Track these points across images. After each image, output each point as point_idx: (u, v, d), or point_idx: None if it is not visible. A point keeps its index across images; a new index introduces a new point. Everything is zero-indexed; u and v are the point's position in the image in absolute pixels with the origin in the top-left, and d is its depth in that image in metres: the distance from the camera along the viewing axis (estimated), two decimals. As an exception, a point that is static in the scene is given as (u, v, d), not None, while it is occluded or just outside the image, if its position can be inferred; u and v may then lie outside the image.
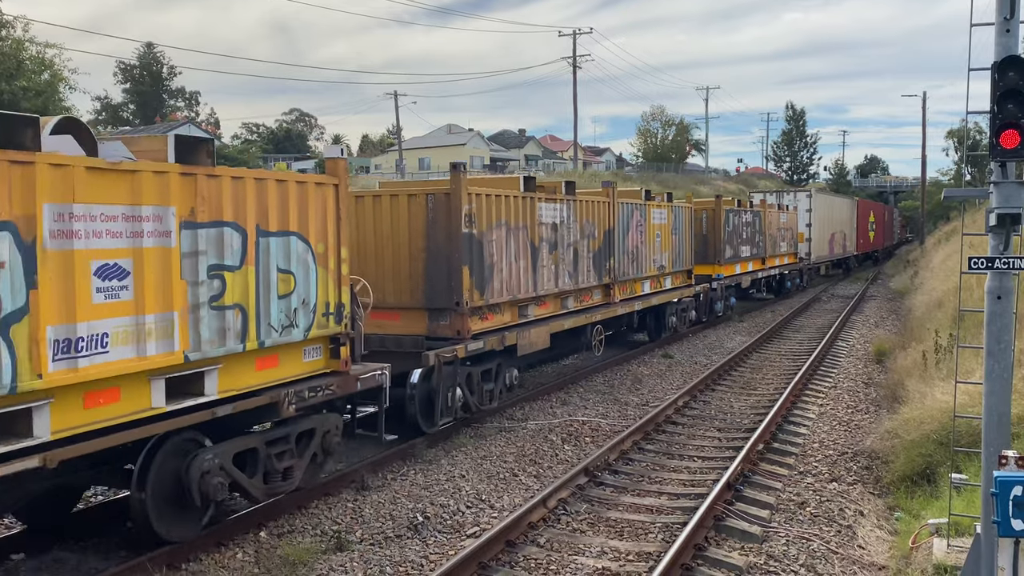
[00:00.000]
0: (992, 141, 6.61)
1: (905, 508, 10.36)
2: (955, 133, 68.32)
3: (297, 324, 9.44)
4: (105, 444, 7.45)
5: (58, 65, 28.87)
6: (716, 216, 27.78)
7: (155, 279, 7.69)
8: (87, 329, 7.12)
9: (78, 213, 7.05)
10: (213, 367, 8.39)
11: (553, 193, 16.70)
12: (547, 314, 16.27)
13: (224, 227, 8.42)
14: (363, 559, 8.61)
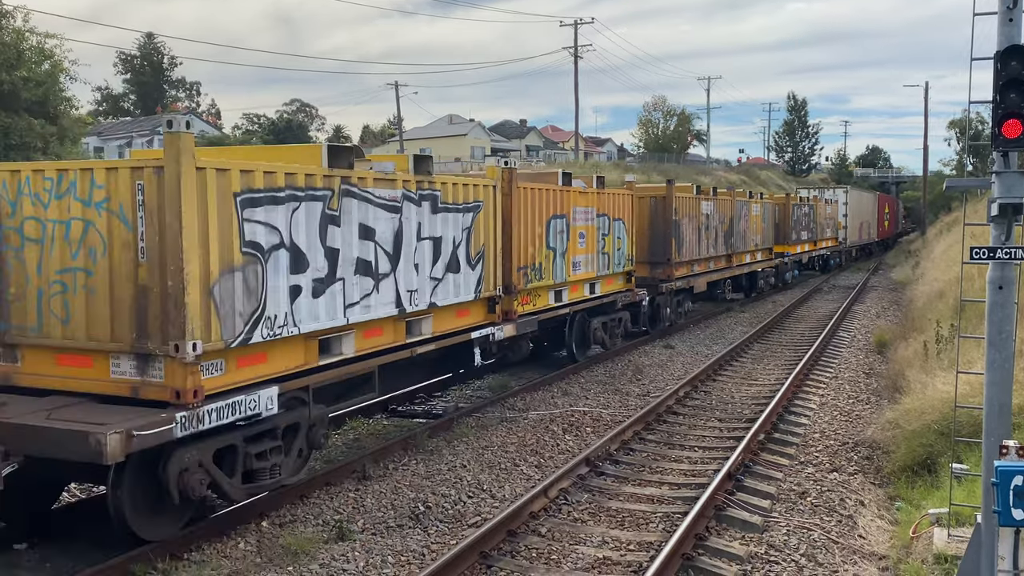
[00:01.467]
0: (994, 131, 6.60)
1: (906, 498, 10.37)
2: (957, 123, 68.15)
3: (620, 264, 19.78)
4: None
5: (58, 55, 28.80)
6: (787, 209, 36.50)
7: (591, 241, 18.03)
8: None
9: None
10: (600, 279, 18.78)
11: (708, 195, 26.57)
12: (703, 271, 26.09)
13: (605, 216, 18.78)
14: (365, 548, 8.64)
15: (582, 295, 18.06)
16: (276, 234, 9.25)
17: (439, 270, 12.49)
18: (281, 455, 9.46)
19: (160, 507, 8.34)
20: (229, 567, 8.21)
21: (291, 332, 9.46)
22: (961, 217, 23.28)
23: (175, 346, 8.06)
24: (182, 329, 8.06)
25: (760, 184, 75.86)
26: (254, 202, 8.94)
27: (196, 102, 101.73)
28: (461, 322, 13.47)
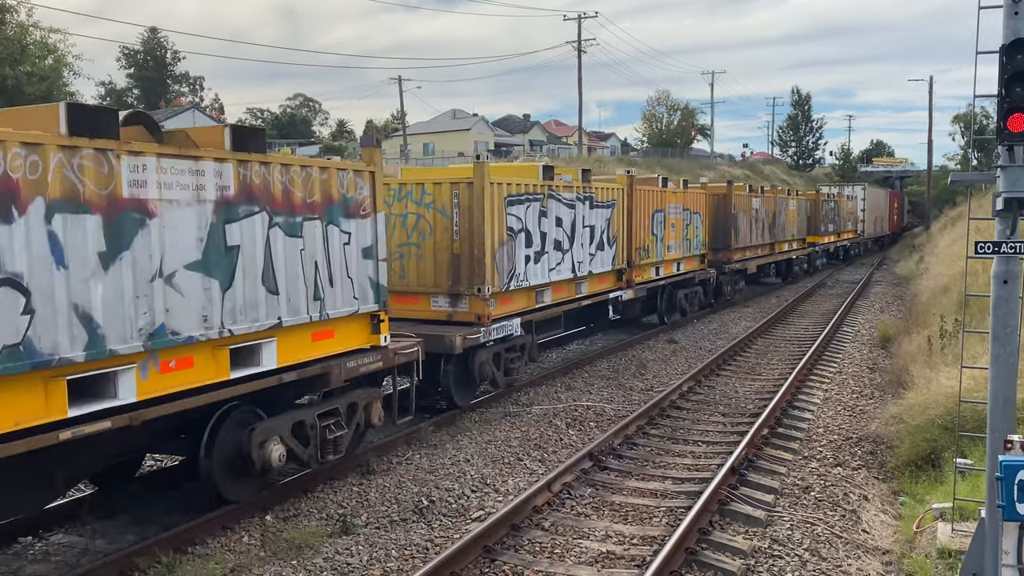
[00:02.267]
0: (1000, 125, 6.57)
1: (909, 493, 10.37)
2: (961, 118, 68.02)
3: (697, 248, 24.70)
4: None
5: (62, 50, 28.83)
6: (817, 204, 42.40)
7: (679, 229, 22.89)
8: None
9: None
10: (684, 259, 23.74)
11: (758, 192, 31.87)
12: (754, 256, 31.39)
13: (687, 210, 23.71)
14: (369, 542, 8.66)
15: (672, 272, 23.48)
16: (520, 223, 14.87)
17: (593, 248, 17.96)
18: (519, 360, 15.38)
19: (469, 383, 14.03)
20: (233, 560, 8.23)
21: (524, 285, 15.17)
22: (965, 212, 23.18)
23: (477, 288, 13.74)
24: (482, 279, 13.75)
25: (764, 179, 75.76)
26: (511, 203, 14.55)
27: (200, 97, 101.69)
28: (602, 286, 18.94)
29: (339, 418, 10.29)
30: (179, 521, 8.91)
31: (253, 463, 9.06)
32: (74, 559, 8.30)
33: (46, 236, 6.81)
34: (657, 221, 21.75)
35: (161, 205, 7.79)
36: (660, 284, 22.59)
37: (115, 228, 7.37)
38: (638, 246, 20.46)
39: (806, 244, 40.18)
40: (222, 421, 8.97)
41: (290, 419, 9.57)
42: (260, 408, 9.38)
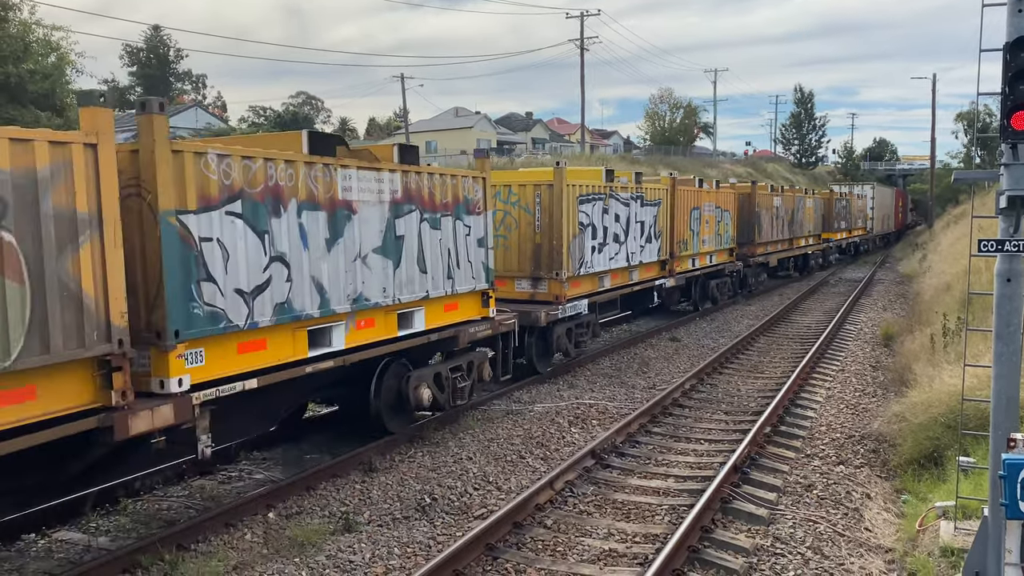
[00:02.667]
0: (1003, 123, 6.56)
1: (912, 491, 10.37)
2: (964, 115, 67.93)
3: (727, 242, 27.59)
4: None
5: (65, 48, 28.83)
6: (830, 203, 45.42)
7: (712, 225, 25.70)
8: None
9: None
10: (716, 252, 26.61)
11: (779, 192, 35.11)
12: (775, 250, 34.51)
13: (719, 208, 26.67)
14: (371, 540, 8.66)
15: (706, 263, 26.16)
16: (588, 218, 17.62)
17: (643, 241, 20.74)
18: (586, 335, 18.09)
19: (547, 352, 16.80)
20: (236, 558, 8.24)
21: (590, 271, 17.93)
22: (969, 210, 23.09)
23: (555, 273, 16.45)
24: (560, 265, 16.43)
25: (767, 177, 75.65)
26: (582, 201, 17.27)
27: (202, 95, 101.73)
28: (649, 275, 21.66)
29: (463, 372, 13.18)
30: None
31: (408, 402, 11.95)
32: (77, 556, 8.31)
33: (297, 227, 9.62)
34: (694, 218, 24.62)
35: (359, 205, 10.66)
36: (696, 274, 25.45)
37: (334, 222, 10.22)
38: (678, 239, 23.17)
39: (821, 240, 42.96)
40: (386, 370, 11.75)
41: (432, 371, 12.50)
42: (408, 362, 12.16)
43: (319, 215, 9.92)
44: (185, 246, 8.15)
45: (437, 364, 12.77)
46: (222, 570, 7.90)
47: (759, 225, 31.23)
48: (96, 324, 7.28)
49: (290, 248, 9.48)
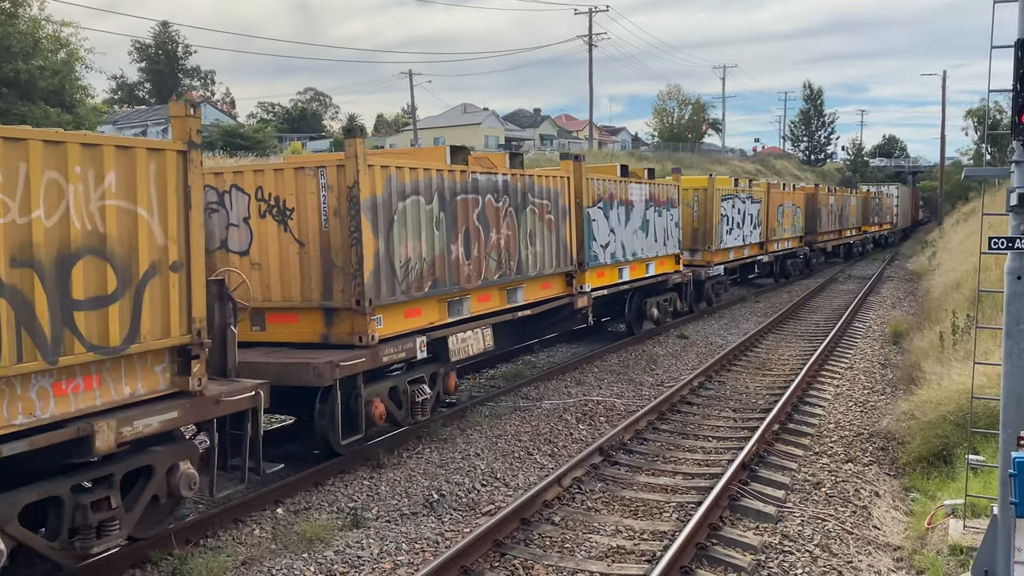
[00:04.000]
0: (1014, 119, 6.53)
1: (921, 489, 10.34)
2: (975, 112, 67.58)
3: (796, 231, 37.08)
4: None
5: (74, 44, 28.90)
6: (867, 200, 54.19)
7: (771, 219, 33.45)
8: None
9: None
10: (790, 239, 36.70)
11: (832, 191, 43.72)
12: (830, 239, 43.27)
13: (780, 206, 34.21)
14: (379, 536, 8.68)
15: (785, 247, 34.75)
16: (724, 212, 25.86)
17: (750, 228, 29.26)
18: (721, 289, 27.28)
19: (700, 299, 25.58)
20: (244, 553, 8.27)
21: (723, 247, 26.41)
22: (978, 207, 22.95)
23: (708, 246, 25.37)
24: (710, 241, 25.31)
25: (775, 174, 75.55)
26: (723, 200, 26.02)
27: (211, 91, 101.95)
28: (752, 252, 30.42)
29: (671, 303, 22.49)
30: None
31: (650, 317, 21.14)
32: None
33: (617, 214, 19.10)
34: (780, 212, 33.56)
35: (635, 203, 19.86)
36: (780, 254, 34.63)
37: (627, 212, 19.47)
38: (770, 228, 32.04)
39: (861, 231, 52.14)
40: (633, 297, 20.59)
41: (657, 299, 21.31)
42: (643, 294, 20.95)
43: (622, 208, 19.22)
44: (588, 223, 17.16)
45: (659, 295, 21.79)
46: (231, 565, 7.93)
47: (820, 218, 40.30)
48: (567, 257, 16.30)
49: (616, 225, 18.77)
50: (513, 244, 14.31)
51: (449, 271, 12.53)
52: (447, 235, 12.44)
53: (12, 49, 25.29)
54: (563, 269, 16.31)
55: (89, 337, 6.91)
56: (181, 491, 7.91)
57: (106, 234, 7.03)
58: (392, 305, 11.35)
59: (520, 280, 14.77)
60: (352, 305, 10.70)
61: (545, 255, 15.56)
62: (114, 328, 7.09)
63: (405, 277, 11.51)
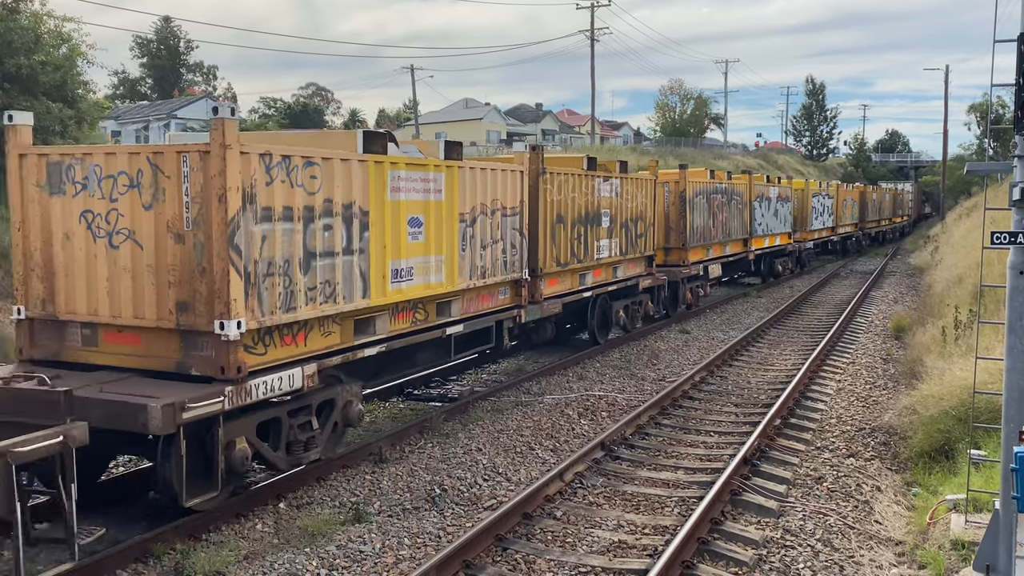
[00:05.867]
0: (1017, 114, 6.53)
1: (923, 484, 10.34)
2: (977, 107, 67.43)
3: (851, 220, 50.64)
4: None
5: (76, 39, 28.83)
6: (895, 195, 65.18)
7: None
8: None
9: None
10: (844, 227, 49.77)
11: (875, 188, 59.34)
12: (873, 227, 56.46)
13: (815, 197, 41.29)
14: (381, 530, 8.70)
15: (818, 236, 40.78)
16: (757, 207, 30.20)
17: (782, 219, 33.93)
18: (788, 266, 36.38)
19: (756, 272, 33.16)
20: (247, 548, 8.28)
21: (760, 234, 31.18)
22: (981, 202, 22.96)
23: (750, 234, 29.72)
24: (752, 231, 29.60)
25: (778, 169, 75.39)
26: (758, 200, 30.34)
27: (212, 86, 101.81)
28: (784, 241, 34.84)
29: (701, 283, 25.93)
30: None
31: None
32: (89, 547, 8.35)
33: (759, 205, 30.76)
34: (844, 205, 45.02)
35: (765, 197, 30.99)
36: (843, 236, 46.49)
37: (761, 203, 30.53)
38: (839, 216, 43.77)
39: (892, 221, 63.19)
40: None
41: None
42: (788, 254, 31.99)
43: (762, 200, 30.02)
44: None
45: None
46: (233, 559, 7.94)
47: (868, 210, 52.70)
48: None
49: (758, 213, 29.59)
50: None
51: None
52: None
53: (14, 44, 25.22)
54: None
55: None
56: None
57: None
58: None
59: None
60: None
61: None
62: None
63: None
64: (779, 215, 32.80)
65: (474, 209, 12.60)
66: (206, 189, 8.36)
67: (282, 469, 9.58)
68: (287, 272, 9.07)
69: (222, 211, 8.28)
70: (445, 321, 12.14)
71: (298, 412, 9.59)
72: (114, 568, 7.71)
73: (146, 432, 7.77)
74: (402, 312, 11.22)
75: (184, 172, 8.46)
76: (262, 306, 8.78)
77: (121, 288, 8.79)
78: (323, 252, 9.55)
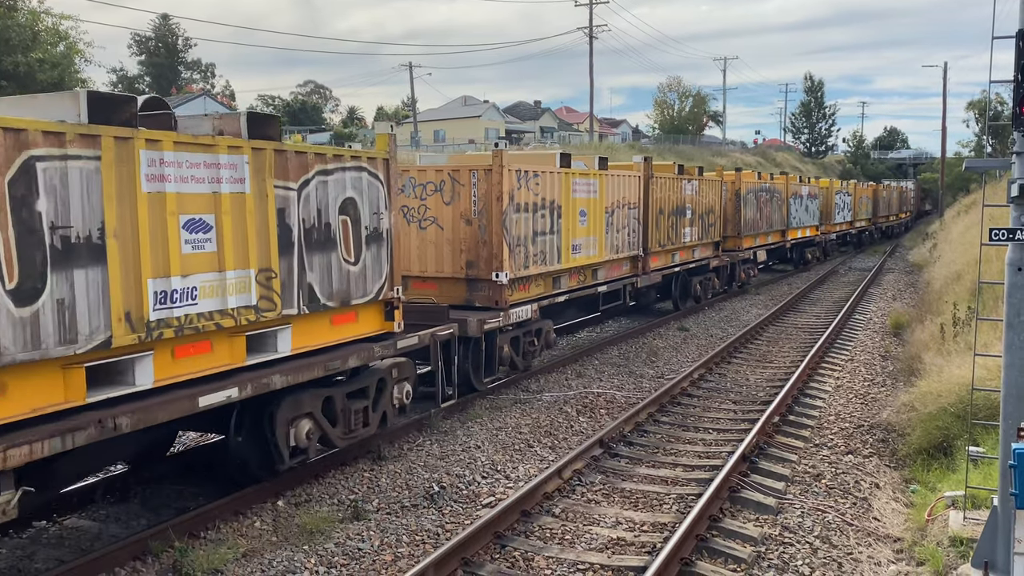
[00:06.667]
0: (1016, 111, 6.52)
1: (921, 481, 10.35)
2: (976, 104, 67.53)
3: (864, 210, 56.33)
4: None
5: (73, 37, 28.84)
6: (901, 192, 69.39)
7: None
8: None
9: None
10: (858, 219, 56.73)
11: (887, 186, 65.43)
12: (884, 222, 61.73)
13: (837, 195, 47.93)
14: (380, 528, 8.70)
15: (840, 229, 46.31)
16: (793, 204, 34.90)
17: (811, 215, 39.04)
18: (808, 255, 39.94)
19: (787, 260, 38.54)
20: (245, 545, 8.28)
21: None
22: (979, 199, 22.99)
23: (786, 226, 34.43)
24: (789, 224, 34.46)
25: (776, 166, 75.46)
26: (806, 197, 37.62)
27: (211, 84, 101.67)
28: (813, 233, 39.65)
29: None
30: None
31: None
32: (88, 544, 8.37)
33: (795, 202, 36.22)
34: (859, 201, 50.23)
35: (800, 194, 36.07)
36: (859, 229, 51.46)
37: (800, 201, 36.30)
38: (856, 211, 49.20)
39: (899, 217, 68.00)
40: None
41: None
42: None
43: (796, 197, 34.64)
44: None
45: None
46: (231, 557, 7.94)
47: (879, 206, 57.56)
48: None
49: (793, 208, 34.34)
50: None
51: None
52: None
53: (11, 42, 25.22)
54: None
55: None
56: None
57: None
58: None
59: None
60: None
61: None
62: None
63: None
64: (809, 210, 37.92)
65: (613, 204, 17.97)
66: (488, 192, 13.84)
67: (519, 367, 15.25)
68: (525, 244, 14.60)
69: (499, 206, 13.83)
70: (596, 283, 17.69)
71: (527, 333, 15.24)
72: (113, 566, 7.70)
73: (466, 335, 13.06)
74: (574, 274, 16.74)
75: (473, 182, 13.96)
76: (515, 264, 14.26)
77: (427, 254, 14.31)
78: (540, 232, 15.06)
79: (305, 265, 9.15)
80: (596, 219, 17.06)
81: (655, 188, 20.33)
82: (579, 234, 16.39)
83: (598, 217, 17.14)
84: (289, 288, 8.97)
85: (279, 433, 9.04)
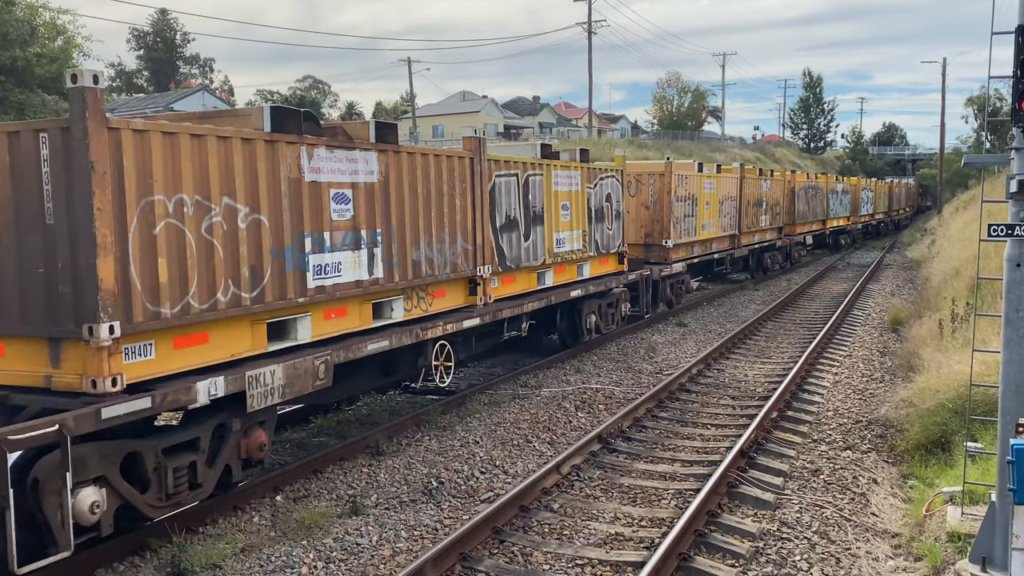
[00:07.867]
0: (1015, 106, 6.51)
1: (919, 476, 10.35)
2: (975, 100, 67.50)
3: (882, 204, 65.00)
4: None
5: (71, 31, 28.81)
6: (907, 188, 77.98)
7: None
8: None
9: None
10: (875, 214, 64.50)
11: (897, 183, 73.46)
12: (897, 215, 71.43)
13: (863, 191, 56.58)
14: (378, 523, 8.70)
15: (867, 220, 55.03)
16: (833, 197, 44.13)
17: (844, 207, 47.70)
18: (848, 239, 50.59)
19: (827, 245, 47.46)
20: (244, 540, 8.28)
21: (830, 217, 45.18)
22: (978, 195, 22.98)
23: (826, 216, 43.64)
24: (828, 215, 43.69)
25: (775, 162, 75.48)
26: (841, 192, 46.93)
27: (209, 79, 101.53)
28: (845, 223, 48.66)
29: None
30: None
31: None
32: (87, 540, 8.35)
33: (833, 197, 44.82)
34: (878, 195, 57.07)
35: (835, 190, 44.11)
36: (877, 221, 57.93)
37: (835, 195, 44.10)
38: (875, 205, 56.01)
39: (905, 211, 74.58)
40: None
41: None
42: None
43: (832, 192, 42.43)
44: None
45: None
46: (230, 552, 7.94)
47: (892, 200, 63.95)
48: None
49: (830, 202, 42.27)
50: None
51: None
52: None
53: (9, 36, 25.17)
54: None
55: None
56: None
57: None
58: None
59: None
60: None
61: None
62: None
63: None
64: (843, 203, 45.64)
65: (723, 196, 25.83)
66: (661, 189, 21.34)
67: (672, 304, 22.47)
68: (679, 223, 21.80)
69: (669, 198, 21.25)
70: (711, 252, 25.37)
71: (679, 282, 22.87)
72: (111, 561, 7.70)
73: (651, 278, 20.63)
74: (701, 245, 24.48)
75: (651, 181, 21.44)
76: (678, 235, 21.87)
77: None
78: (686, 215, 22.47)
79: (594, 229, 17.26)
80: (714, 207, 24.88)
81: (745, 186, 28.36)
82: (706, 217, 24.16)
83: (715, 206, 24.93)
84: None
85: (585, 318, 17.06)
